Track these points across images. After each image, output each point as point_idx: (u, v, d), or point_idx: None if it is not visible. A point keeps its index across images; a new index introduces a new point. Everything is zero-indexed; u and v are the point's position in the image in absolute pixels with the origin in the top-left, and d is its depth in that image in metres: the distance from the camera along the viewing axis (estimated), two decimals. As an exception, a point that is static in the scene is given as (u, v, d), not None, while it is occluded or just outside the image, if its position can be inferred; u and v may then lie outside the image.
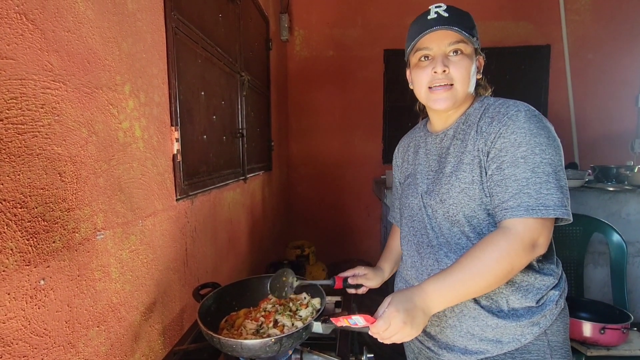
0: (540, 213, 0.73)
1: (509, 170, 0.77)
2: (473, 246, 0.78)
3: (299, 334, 0.84)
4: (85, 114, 0.75)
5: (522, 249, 0.73)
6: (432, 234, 0.91)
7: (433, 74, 0.86)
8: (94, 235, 0.78)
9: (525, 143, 0.76)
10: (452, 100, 0.86)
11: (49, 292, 0.65)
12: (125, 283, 0.89)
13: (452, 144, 0.90)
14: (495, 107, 0.85)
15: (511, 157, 0.77)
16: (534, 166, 0.75)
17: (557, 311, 0.84)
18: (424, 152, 0.99)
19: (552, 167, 0.75)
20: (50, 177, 0.66)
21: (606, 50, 3.43)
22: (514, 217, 0.75)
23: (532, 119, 0.78)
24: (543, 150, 0.76)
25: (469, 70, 0.85)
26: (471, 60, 0.86)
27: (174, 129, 1.15)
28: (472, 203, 0.83)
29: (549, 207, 0.74)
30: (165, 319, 1.09)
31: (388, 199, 2.54)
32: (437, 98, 0.87)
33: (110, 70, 0.83)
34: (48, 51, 0.65)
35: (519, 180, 0.76)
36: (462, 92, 0.86)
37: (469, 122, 0.88)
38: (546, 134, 0.77)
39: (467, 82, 0.86)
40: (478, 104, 0.90)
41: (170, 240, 1.13)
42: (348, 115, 3.57)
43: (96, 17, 0.78)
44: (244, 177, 1.96)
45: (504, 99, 0.88)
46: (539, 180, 0.75)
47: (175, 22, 1.15)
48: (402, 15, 3.42)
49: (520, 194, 0.75)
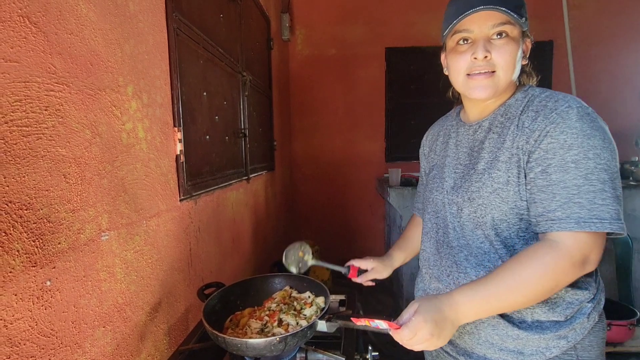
0: (595, 226, 0.64)
1: (557, 175, 0.68)
2: (513, 258, 0.69)
3: (304, 333, 0.84)
4: (88, 115, 0.76)
5: (571, 266, 0.66)
6: (452, 234, 0.85)
7: (473, 60, 0.77)
8: (99, 236, 0.78)
9: (577, 145, 0.67)
10: (492, 89, 0.77)
11: (55, 293, 0.66)
12: (130, 283, 0.89)
13: (487, 138, 0.81)
14: (542, 100, 0.75)
15: (560, 161, 0.68)
16: (586, 172, 0.66)
17: (590, 325, 0.75)
18: (454, 144, 0.91)
19: (608, 174, 0.66)
20: (55, 179, 0.66)
21: (609, 45, 3.40)
22: (562, 231, 0.67)
23: (585, 117, 0.69)
24: (598, 155, 0.66)
25: (514, 56, 0.75)
26: (517, 44, 0.75)
27: (177, 130, 1.15)
28: (504, 206, 0.75)
29: (604, 219, 0.65)
30: (170, 318, 1.10)
31: (391, 198, 2.54)
32: (476, 86, 0.78)
33: (112, 72, 0.84)
34: (51, 53, 0.66)
35: (569, 188, 0.67)
36: (504, 80, 0.77)
37: (508, 115, 0.79)
38: (601, 135, 0.68)
39: (511, 69, 0.76)
40: (521, 94, 0.80)
41: (175, 241, 1.14)
42: (350, 113, 3.57)
43: (98, 19, 0.79)
44: (246, 177, 1.97)
45: (552, 91, 0.77)
46: (592, 188, 0.66)
47: (176, 22, 1.16)
48: (404, 13, 3.42)
49: (570, 204, 0.66)
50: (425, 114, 3.55)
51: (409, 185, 2.61)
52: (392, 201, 2.54)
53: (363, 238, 3.63)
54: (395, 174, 2.63)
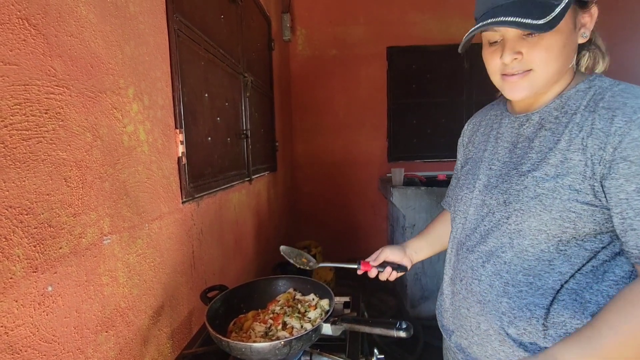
0: None
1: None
2: (619, 297, 0.58)
3: (309, 336, 0.83)
4: (89, 118, 0.75)
5: None
6: (475, 237, 0.76)
7: (511, 62, 0.68)
8: (101, 240, 0.77)
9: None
10: (530, 90, 0.68)
11: (56, 299, 0.65)
12: (133, 287, 0.89)
13: (537, 135, 0.71)
14: (616, 96, 0.62)
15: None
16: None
17: None
18: (495, 136, 0.81)
19: None
20: (56, 183, 0.66)
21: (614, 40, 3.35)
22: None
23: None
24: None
25: (554, 49, 0.64)
26: (559, 32, 0.63)
27: (179, 132, 1.14)
28: (546, 215, 0.65)
29: None
30: (173, 322, 1.09)
31: (394, 198, 2.52)
32: (510, 88, 0.70)
33: (113, 74, 0.83)
34: (51, 56, 0.65)
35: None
36: (545, 78, 0.67)
37: (566, 109, 0.68)
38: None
39: (553, 64, 0.65)
40: (584, 84, 0.68)
41: (177, 243, 1.13)
42: (352, 114, 3.56)
43: (98, 21, 0.78)
44: (249, 178, 1.96)
45: (626, 84, 0.65)
46: None
47: (177, 24, 1.15)
48: (405, 12, 3.41)
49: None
50: (427, 114, 3.56)
51: (412, 185, 2.59)
52: (395, 201, 2.52)
53: (366, 238, 3.62)
54: (398, 173, 2.62)
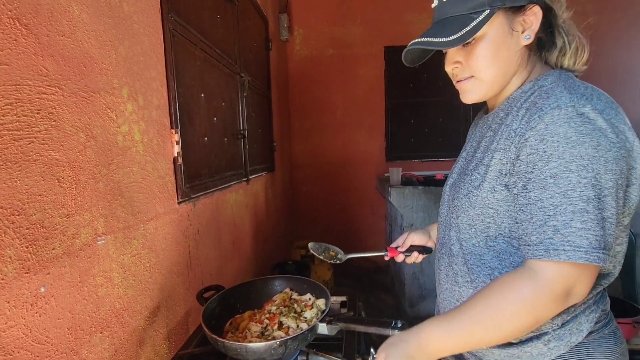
0: (565, 255, 0.55)
1: (536, 192, 0.59)
2: (489, 286, 0.62)
3: (304, 336, 0.83)
4: (82, 118, 0.74)
5: (552, 301, 0.57)
6: (442, 229, 0.82)
7: (452, 71, 0.73)
8: (95, 240, 0.77)
9: (558, 156, 0.57)
10: (477, 93, 0.71)
11: (49, 300, 0.65)
12: (128, 288, 0.88)
13: (485, 135, 0.75)
14: (536, 97, 0.64)
15: (538, 175, 0.59)
16: (567, 188, 0.56)
17: (551, 354, 0.66)
18: (472, 136, 0.85)
19: (595, 190, 0.55)
20: (49, 183, 0.65)
21: (609, 40, 3.38)
22: (536, 259, 0.58)
23: (573, 119, 0.57)
24: (583, 166, 0.56)
25: (486, 56, 0.67)
26: (490, 39, 0.66)
27: (174, 132, 1.14)
28: (472, 210, 0.70)
29: (579, 248, 0.55)
30: (170, 323, 1.08)
31: (392, 197, 2.52)
32: (461, 93, 0.74)
33: (107, 74, 0.83)
34: (43, 56, 0.65)
35: (546, 208, 0.58)
36: (489, 80, 0.69)
37: (508, 110, 0.70)
38: (593, 142, 0.56)
39: (491, 67, 0.68)
40: (530, 84, 0.69)
41: (173, 244, 1.13)
42: (350, 113, 3.56)
43: (91, 20, 0.78)
44: (246, 179, 1.95)
45: (561, 81, 0.65)
46: (572, 208, 0.56)
47: (172, 24, 1.15)
48: (402, 12, 3.41)
49: (544, 227, 0.57)
50: (424, 113, 3.56)
51: (410, 184, 2.59)
52: (393, 200, 2.52)
53: (365, 237, 3.62)
54: (396, 173, 2.62)
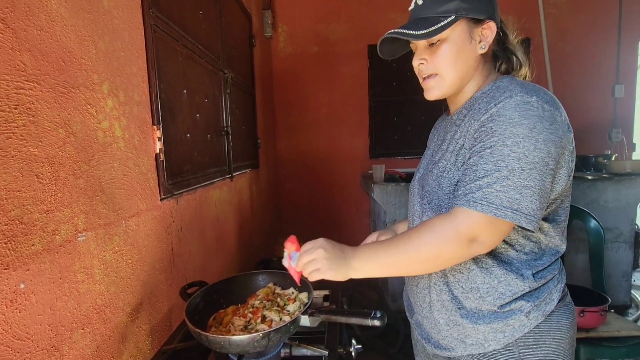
0: (480, 207, 0.66)
1: (474, 159, 0.70)
2: (416, 226, 0.74)
3: (287, 328, 0.84)
4: (62, 114, 0.74)
5: (455, 239, 0.67)
6: (415, 220, 0.89)
7: (418, 67, 0.81)
8: (75, 236, 0.77)
9: (500, 132, 0.67)
10: (439, 90, 0.80)
11: (29, 296, 0.65)
12: (109, 284, 0.88)
13: (450, 130, 0.84)
14: (495, 93, 0.73)
15: (480, 147, 0.70)
16: (498, 159, 0.66)
17: (532, 323, 0.74)
18: (437, 137, 0.95)
19: (519, 164, 0.65)
20: (27, 179, 0.65)
21: (583, 42, 3.51)
22: (458, 206, 0.69)
23: (520, 105, 0.67)
24: (517, 143, 0.65)
25: (449, 55, 0.76)
26: (452, 42, 0.76)
27: (156, 128, 1.14)
28: (441, 192, 0.79)
29: (493, 204, 0.65)
30: (152, 319, 1.08)
31: (375, 194, 2.56)
32: (425, 89, 0.82)
33: (86, 69, 0.82)
34: (20, 50, 0.64)
35: (478, 171, 0.68)
36: (449, 80, 0.78)
37: (471, 108, 0.79)
38: (530, 124, 0.66)
39: (452, 68, 0.77)
40: (488, 87, 0.79)
41: (156, 240, 1.12)
42: (334, 111, 3.58)
43: (70, 15, 0.77)
44: (230, 176, 1.95)
45: (516, 83, 0.74)
46: (497, 174, 0.66)
47: (153, 19, 1.14)
48: (386, 10, 3.45)
49: (471, 185, 0.68)
50: (408, 111, 3.61)
51: (393, 181, 2.64)
52: (377, 197, 2.56)
53: (348, 234, 3.66)
54: (379, 170, 2.66)
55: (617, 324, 1.58)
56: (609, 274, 2.55)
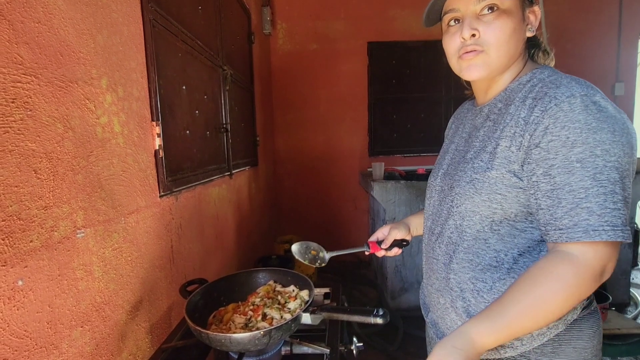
0: (606, 235, 0.57)
1: (562, 177, 0.60)
2: (527, 277, 0.61)
3: (288, 326, 0.84)
4: (60, 108, 0.73)
5: (593, 280, 0.59)
6: (437, 219, 0.82)
7: (462, 41, 0.72)
8: (74, 233, 0.76)
9: (582, 142, 0.59)
10: (484, 68, 0.71)
11: (28, 293, 0.64)
12: (109, 282, 0.87)
13: (483, 125, 0.76)
14: (543, 87, 0.66)
15: (563, 161, 0.60)
16: (595, 172, 0.58)
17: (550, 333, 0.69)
18: (461, 129, 0.87)
19: (619, 173, 0.58)
20: (25, 174, 0.64)
21: (584, 40, 3.51)
22: (573, 242, 0.59)
23: (589, 107, 0.60)
24: (607, 151, 0.58)
25: (506, 30, 0.68)
26: (511, 16, 0.68)
27: (155, 124, 1.12)
28: (477, 197, 0.71)
29: (617, 227, 0.57)
30: (152, 316, 1.08)
31: (375, 192, 2.56)
32: (466, 66, 0.73)
33: (85, 64, 0.81)
34: (17, 43, 0.63)
35: (575, 191, 0.59)
36: (497, 59, 0.70)
37: (508, 101, 0.72)
38: (610, 128, 0.59)
39: (504, 45, 0.69)
40: (527, 77, 0.72)
41: (155, 237, 1.11)
42: (333, 108, 3.57)
43: (68, 8, 0.76)
44: (229, 173, 1.94)
45: (560, 74, 0.69)
46: (603, 190, 0.58)
47: (152, 14, 1.12)
48: (385, 7, 3.43)
49: (577, 209, 0.59)
50: (407, 109, 3.61)
51: (392, 179, 2.63)
52: (376, 195, 2.56)
53: (347, 231, 3.65)
54: (379, 167, 2.65)
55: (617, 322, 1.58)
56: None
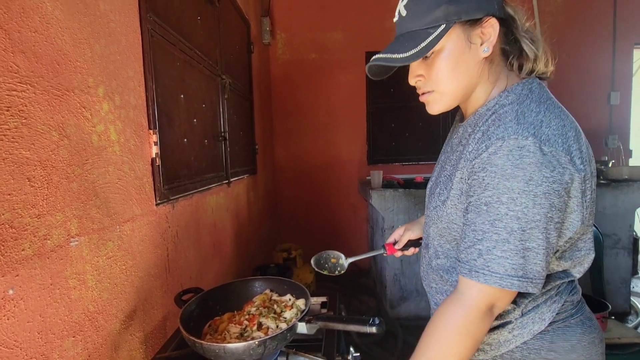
0: (483, 279, 0.61)
1: (471, 215, 0.64)
2: (430, 322, 0.67)
3: (283, 336, 0.83)
4: (55, 117, 0.73)
5: (481, 318, 0.63)
6: (429, 228, 0.84)
7: (415, 84, 0.74)
8: (68, 242, 0.75)
9: (493, 187, 0.60)
10: (441, 104, 0.72)
11: (18, 302, 0.63)
12: (102, 291, 0.86)
13: (456, 149, 0.76)
14: (494, 120, 0.65)
15: (476, 200, 0.63)
16: (495, 218, 0.60)
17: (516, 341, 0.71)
18: (448, 141, 0.86)
19: (519, 223, 0.59)
20: (18, 182, 0.64)
21: (579, 50, 3.55)
22: (462, 275, 0.65)
23: (513, 152, 0.59)
24: (513, 200, 0.59)
25: (445, 69, 0.68)
26: (451, 50, 0.67)
27: (152, 132, 1.13)
28: (439, 224, 0.75)
29: (496, 273, 0.60)
30: (146, 326, 1.06)
31: (373, 200, 2.55)
32: (426, 104, 0.75)
33: (82, 72, 0.81)
34: (13, 52, 0.63)
35: (476, 232, 0.63)
36: (451, 92, 0.70)
37: (475, 127, 0.70)
38: (526, 176, 0.58)
39: (451, 79, 0.68)
40: (494, 101, 0.70)
41: (151, 246, 1.11)
42: (332, 117, 3.59)
43: (65, 18, 0.76)
44: (227, 181, 1.94)
45: (520, 104, 0.65)
46: (496, 237, 0.60)
47: (151, 23, 1.14)
48: (383, 18, 3.48)
49: (471, 249, 0.63)
50: (405, 118, 3.62)
51: (391, 187, 2.63)
52: (374, 203, 2.55)
53: (347, 240, 3.64)
54: (377, 176, 2.66)
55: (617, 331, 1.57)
56: (608, 280, 2.54)
